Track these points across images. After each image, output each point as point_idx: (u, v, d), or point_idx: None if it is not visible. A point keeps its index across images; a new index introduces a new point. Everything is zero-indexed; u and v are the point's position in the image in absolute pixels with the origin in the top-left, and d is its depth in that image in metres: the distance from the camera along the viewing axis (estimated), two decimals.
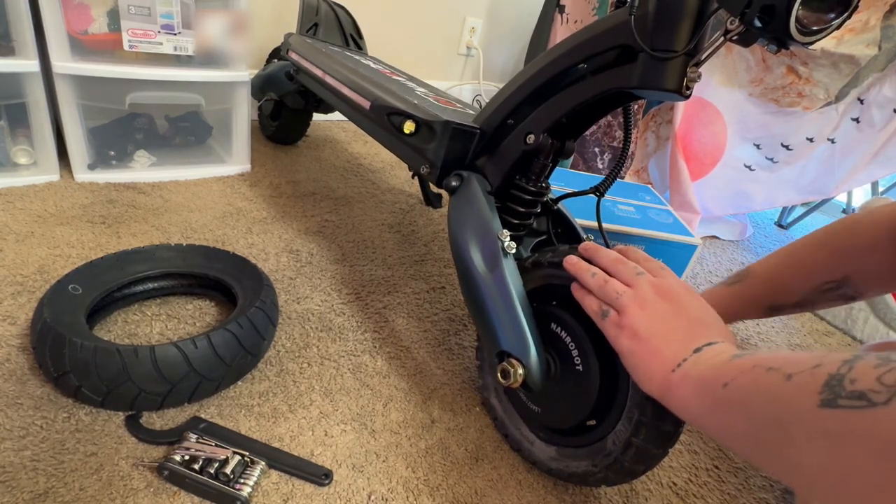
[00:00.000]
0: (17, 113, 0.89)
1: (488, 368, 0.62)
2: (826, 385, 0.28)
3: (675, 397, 0.40)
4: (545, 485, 0.57)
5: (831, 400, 0.27)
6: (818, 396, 0.28)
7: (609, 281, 0.47)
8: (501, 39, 1.86)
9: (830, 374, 0.28)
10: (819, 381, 0.29)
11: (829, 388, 0.28)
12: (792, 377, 0.31)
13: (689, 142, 1.32)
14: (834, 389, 0.28)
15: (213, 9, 0.98)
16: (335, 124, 1.56)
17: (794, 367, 0.31)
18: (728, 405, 0.35)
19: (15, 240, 0.76)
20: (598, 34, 0.50)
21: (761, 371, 0.33)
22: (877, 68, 1.10)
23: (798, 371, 0.31)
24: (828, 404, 0.27)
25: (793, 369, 0.31)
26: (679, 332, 0.42)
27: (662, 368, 0.41)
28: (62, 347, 0.51)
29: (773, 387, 0.32)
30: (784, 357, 0.33)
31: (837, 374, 0.28)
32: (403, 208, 1.13)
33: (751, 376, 0.34)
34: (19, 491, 0.45)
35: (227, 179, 1.08)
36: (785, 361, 0.32)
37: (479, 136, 0.63)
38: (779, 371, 0.32)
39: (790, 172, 1.27)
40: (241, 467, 0.49)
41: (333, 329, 0.72)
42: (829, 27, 0.41)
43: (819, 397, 0.28)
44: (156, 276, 0.68)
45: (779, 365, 0.32)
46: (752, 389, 0.33)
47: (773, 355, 0.34)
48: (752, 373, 0.34)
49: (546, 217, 0.65)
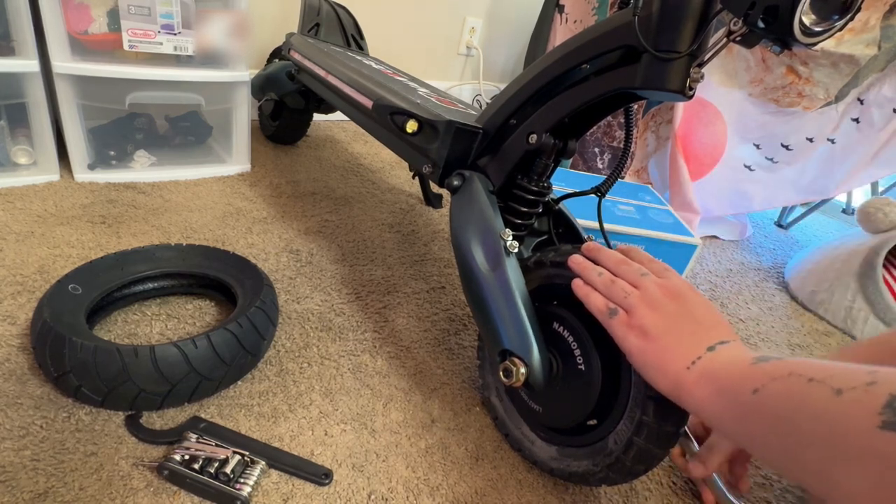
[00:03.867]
0: (17, 113, 0.89)
1: (489, 367, 0.62)
2: (888, 406, 0.27)
3: (691, 395, 0.40)
4: (545, 484, 0.56)
5: (894, 423, 0.27)
6: (879, 418, 0.27)
7: (616, 281, 0.46)
8: (501, 39, 1.86)
9: (892, 394, 0.27)
10: (879, 402, 0.28)
11: (892, 410, 0.27)
12: (843, 393, 0.30)
13: (689, 142, 1.32)
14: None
15: (214, 9, 0.97)
16: (335, 124, 1.56)
17: (843, 382, 0.30)
18: (759, 414, 0.34)
19: (15, 240, 0.76)
20: (602, 35, 0.50)
21: (800, 381, 0.32)
22: (877, 68, 1.10)
23: (849, 387, 0.29)
24: (890, 427, 0.27)
25: (841, 384, 0.30)
26: (689, 331, 0.42)
27: (676, 366, 0.41)
28: (62, 347, 0.51)
29: (819, 401, 0.30)
30: (825, 368, 0.32)
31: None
32: (403, 208, 1.13)
33: (786, 386, 0.33)
34: (19, 491, 0.45)
35: (227, 179, 1.08)
36: (828, 374, 0.31)
37: (482, 135, 0.63)
38: (823, 384, 0.31)
39: (790, 172, 1.27)
40: (241, 467, 0.49)
41: (333, 329, 0.72)
42: (832, 28, 0.41)
43: (879, 418, 0.27)
44: (156, 276, 0.68)
45: (822, 377, 0.31)
46: (790, 401, 0.32)
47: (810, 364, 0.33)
48: (787, 382, 0.33)
49: (547, 217, 0.65)
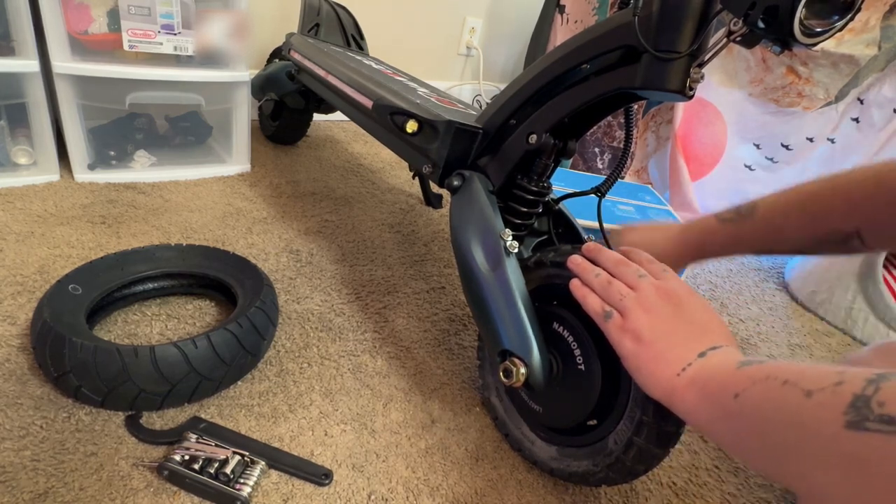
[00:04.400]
0: (17, 113, 0.89)
1: (489, 367, 0.62)
2: (852, 406, 0.27)
3: (680, 401, 0.40)
4: (545, 484, 0.56)
5: (857, 422, 0.27)
6: (843, 417, 0.27)
7: (612, 282, 0.46)
8: (501, 39, 1.86)
9: (855, 394, 0.28)
10: (843, 402, 0.28)
11: (856, 410, 0.27)
12: (812, 394, 0.30)
13: (689, 142, 1.32)
14: (861, 412, 0.27)
15: (214, 9, 0.98)
16: (335, 124, 1.56)
17: (813, 384, 0.30)
18: (740, 417, 0.35)
19: (15, 240, 0.76)
20: (602, 35, 0.50)
21: (776, 384, 0.33)
22: (877, 68, 1.10)
23: (818, 388, 0.30)
24: (854, 426, 0.27)
25: (812, 385, 0.30)
26: (683, 336, 0.42)
27: (667, 372, 0.41)
28: (62, 347, 0.51)
29: (791, 403, 0.31)
30: (798, 370, 0.32)
31: (863, 395, 0.27)
32: (403, 208, 1.13)
33: (764, 389, 0.33)
34: (19, 491, 0.45)
35: (227, 179, 1.08)
36: (800, 375, 0.32)
37: (482, 135, 0.63)
38: (796, 386, 0.31)
39: (790, 172, 1.27)
40: (241, 467, 0.49)
41: (333, 329, 0.72)
42: (832, 28, 0.41)
43: (844, 418, 0.27)
44: (156, 276, 0.68)
45: (795, 379, 0.32)
46: (766, 403, 0.33)
47: (786, 367, 0.34)
48: (765, 385, 0.33)
49: (547, 217, 0.65)
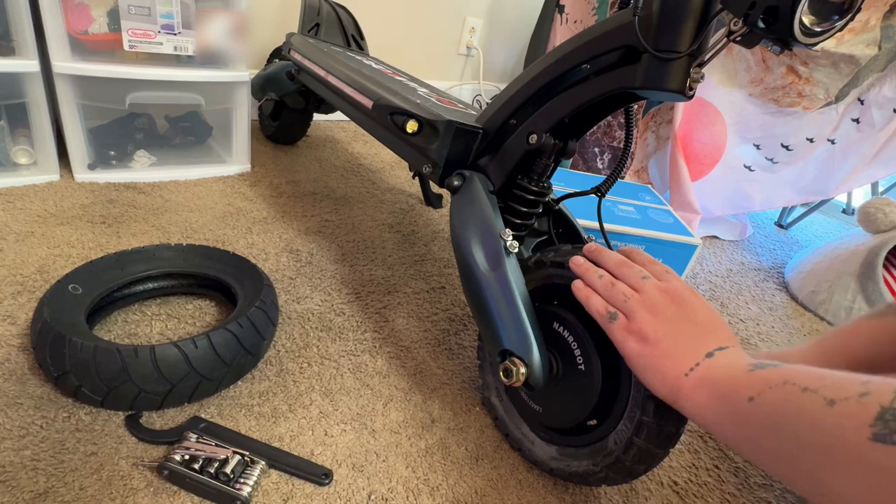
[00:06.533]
0: (17, 113, 0.89)
1: (489, 367, 0.62)
2: (879, 419, 0.27)
3: (688, 402, 0.40)
4: (545, 484, 0.56)
5: (885, 435, 0.27)
6: (869, 430, 0.27)
7: (616, 284, 0.46)
8: (501, 39, 1.86)
9: (883, 406, 0.28)
10: (870, 413, 0.28)
11: (883, 423, 0.27)
12: (835, 403, 0.30)
13: (689, 142, 1.32)
14: (889, 425, 0.27)
15: (214, 9, 0.97)
16: (335, 124, 1.56)
17: (836, 393, 0.30)
18: (754, 421, 0.34)
19: (15, 240, 0.76)
20: (602, 35, 0.50)
21: (794, 390, 0.32)
22: (877, 68, 1.10)
23: (842, 397, 0.30)
24: (881, 439, 0.27)
25: (834, 394, 0.30)
26: (688, 336, 0.42)
27: (674, 372, 0.41)
28: (62, 347, 0.51)
29: (811, 411, 0.31)
30: (818, 376, 0.32)
31: (892, 408, 0.27)
32: (403, 208, 1.13)
33: (782, 394, 0.33)
34: (19, 491, 0.45)
35: (227, 179, 1.08)
36: (821, 383, 0.31)
37: (482, 135, 0.63)
38: (817, 393, 0.31)
39: (790, 173, 1.27)
40: (241, 467, 0.49)
41: (333, 329, 0.72)
42: (832, 28, 0.41)
43: (870, 430, 0.27)
44: (156, 276, 0.68)
45: (815, 386, 0.31)
46: (785, 410, 0.32)
47: (804, 372, 0.33)
48: (783, 390, 0.33)
49: (547, 217, 0.65)
